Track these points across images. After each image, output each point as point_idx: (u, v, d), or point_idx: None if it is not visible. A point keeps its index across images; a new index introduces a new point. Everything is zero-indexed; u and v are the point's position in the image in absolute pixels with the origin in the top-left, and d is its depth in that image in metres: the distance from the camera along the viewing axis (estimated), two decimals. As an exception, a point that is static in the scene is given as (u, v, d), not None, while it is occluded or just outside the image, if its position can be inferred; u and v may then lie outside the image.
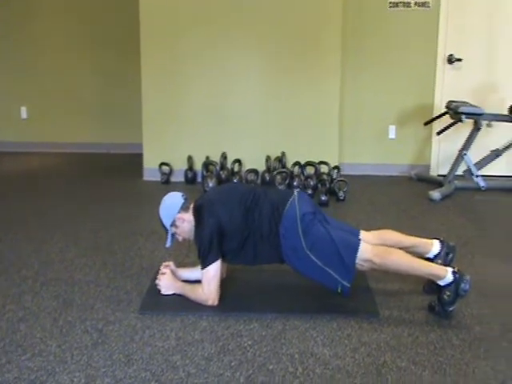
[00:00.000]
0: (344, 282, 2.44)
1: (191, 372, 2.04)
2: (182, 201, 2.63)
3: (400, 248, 2.61)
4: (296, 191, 2.66)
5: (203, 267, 2.52)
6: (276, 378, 2.01)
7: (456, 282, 2.37)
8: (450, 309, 2.41)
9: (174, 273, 2.71)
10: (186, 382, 1.98)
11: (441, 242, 2.74)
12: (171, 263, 2.74)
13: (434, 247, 2.71)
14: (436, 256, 2.69)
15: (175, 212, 2.60)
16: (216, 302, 2.53)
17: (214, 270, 2.51)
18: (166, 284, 2.64)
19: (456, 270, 2.41)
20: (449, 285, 2.39)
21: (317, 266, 2.45)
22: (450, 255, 2.71)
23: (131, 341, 2.26)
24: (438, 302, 2.43)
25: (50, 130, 6.42)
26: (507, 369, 2.06)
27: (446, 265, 2.65)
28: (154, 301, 2.61)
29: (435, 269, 2.45)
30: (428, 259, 2.69)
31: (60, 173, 5.50)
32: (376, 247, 2.50)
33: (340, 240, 2.47)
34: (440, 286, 2.41)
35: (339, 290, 2.46)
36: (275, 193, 2.76)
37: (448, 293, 2.39)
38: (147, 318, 2.44)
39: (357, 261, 2.44)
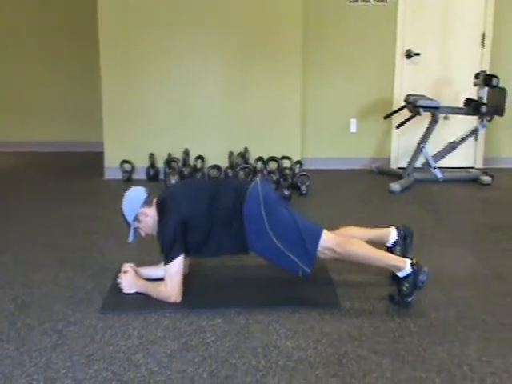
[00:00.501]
0: (305, 267, 2.47)
1: (154, 370, 2.03)
2: (145, 195, 2.62)
3: (363, 239, 2.67)
4: (258, 178, 2.69)
5: (166, 263, 2.51)
6: (239, 371, 2.02)
7: (414, 273, 2.43)
8: (409, 299, 2.47)
9: (136, 272, 2.69)
10: (149, 380, 1.97)
11: (397, 228, 2.81)
12: (132, 264, 2.71)
13: (392, 235, 2.78)
14: (394, 244, 2.76)
15: (138, 206, 2.58)
16: (179, 299, 2.52)
17: (177, 265, 2.50)
18: (128, 283, 2.62)
19: (414, 262, 2.47)
20: (407, 276, 2.44)
21: (279, 250, 2.47)
22: (408, 239, 2.80)
23: (92, 341, 2.23)
24: (398, 292, 2.48)
25: (0, 128, 6.24)
26: (462, 353, 2.13)
27: (406, 250, 2.73)
28: (116, 300, 2.58)
29: (395, 260, 2.50)
30: (388, 248, 2.75)
31: (16, 173, 5.36)
32: (338, 237, 2.55)
33: (303, 226, 2.50)
34: (399, 277, 2.47)
35: (300, 274, 2.49)
36: (237, 180, 2.80)
37: (406, 284, 2.44)
38: (109, 318, 2.41)
39: (319, 248, 2.47)
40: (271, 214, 2.50)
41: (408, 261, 2.46)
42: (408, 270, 2.44)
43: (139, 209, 2.58)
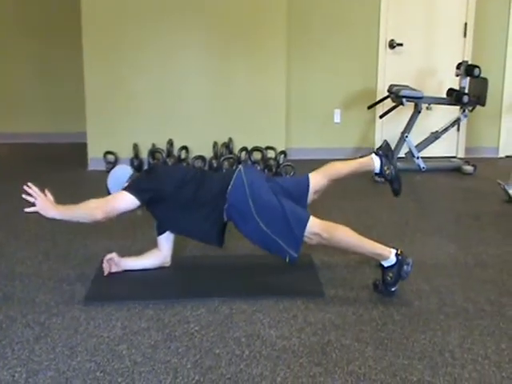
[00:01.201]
0: (292, 252, 2.48)
1: (137, 360, 2.03)
2: (131, 171, 2.71)
3: (347, 174, 2.78)
4: (240, 165, 2.69)
5: (120, 191, 2.53)
6: (223, 361, 2.02)
7: (399, 264, 2.45)
8: (393, 289, 2.49)
9: (117, 263, 2.67)
10: (133, 371, 1.96)
11: (375, 153, 2.86)
12: (114, 254, 2.69)
13: (375, 161, 2.83)
14: (381, 168, 2.82)
15: (123, 181, 2.64)
16: (104, 217, 2.47)
17: (126, 200, 2.50)
18: (42, 205, 2.47)
19: (399, 252, 2.49)
20: (392, 266, 2.46)
21: (266, 234, 2.48)
22: (389, 153, 2.87)
23: (75, 333, 2.21)
24: (382, 282, 2.51)
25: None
26: (444, 340, 2.16)
27: (392, 163, 2.81)
28: (99, 291, 2.57)
29: (380, 249, 2.52)
30: (377, 174, 2.83)
31: (-1, 164, 5.29)
32: (325, 222, 2.54)
33: (290, 211, 2.50)
34: (383, 266, 2.49)
35: (287, 259, 2.50)
36: (223, 172, 2.82)
37: (391, 274, 2.46)
38: (92, 309, 2.40)
39: (305, 234, 2.48)
40: (257, 200, 2.50)
41: (393, 250, 2.48)
42: (393, 259, 2.46)
43: (125, 183, 2.62)
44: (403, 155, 4.98)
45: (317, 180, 2.78)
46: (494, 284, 2.65)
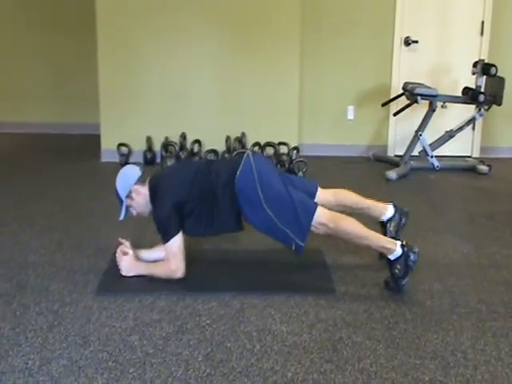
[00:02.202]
0: (298, 241, 2.48)
1: (149, 352, 2.04)
2: (139, 173, 2.65)
3: (355, 209, 2.72)
4: (249, 150, 2.68)
5: (165, 242, 2.52)
6: (234, 355, 2.03)
7: (405, 254, 2.43)
8: (403, 282, 2.48)
9: (130, 251, 2.68)
10: (144, 362, 1.97)
11: (395, 206, 2.82)
12: (127, 242, 2.69)
13: (388, 211, 2.78)
14: (390, 219, 2.76)
15: (132, 183, 2.60)
16: (184, 273, 2.53)
17: (178, 242, 2.51)
18: (128, 265, 2.61)
19: (404, 243, 2.47)
20: (398, 258, 2.44)
21: (274, 223, 2.48)
22: (403, 220, 2.80)
23: (88, 322, 2.23)
24: (391, 276, 2.50)
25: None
26: (456, 341, 2.14)
27: (398, 229, 2.74)
28: (112, 282, 2.59)
29: (386, 242, 2.50)
30: (382, 223, 2.76)
31: (13, 154, 5.33)
32: (332, 212, 2.54)
33: (299, 201, 2.50)
34: (390, 261, 2.47)
35: (293, 248, 2.50)
36: (229, 159, 2.76)
37: (398, 266, 2.44)
38: (104, 299, 2.41)
39: (313, 223, 2.48)
40: (266, 188, 2.49)
41: (398, 242, 2.47)
42: (399, 251, 2.44)
43: (132, 185, 2.59)
44: (417, 153, 4.95)
45: (325, 195, 2.74)
46: (508, 286, 2.63)
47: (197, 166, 2.75)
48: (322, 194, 2.73)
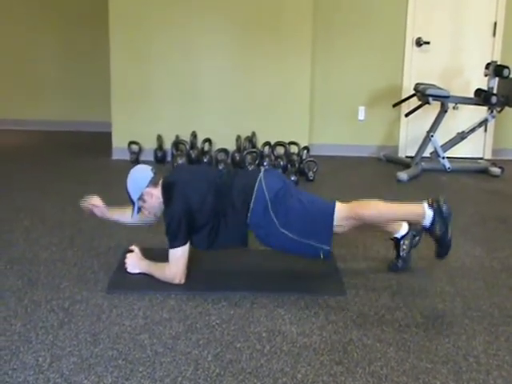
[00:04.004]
0: (325, 246, 2.46)
1: (159, 351, 2.04)
2: (152, 175, 2.57)
3: (371, 224, 2.65)
4: (262, 170, 2.62)
5: (171, 247, 2.50)
6: (243, 355, 2.02)
7: (438, 211, 2.40)
8: (448, 237, 2.44)
9: (103, 211, 2.73)
10: (154, 361, 1.97)
11: (429, 204, 2.76)
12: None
13: (403, 228, 2.73)
14: (403, 237, 2.71)
15: (143, 186, 2.54)
16: (183, 280, 2.53)
17: (182, 250, 2.49)
18: (133, 262, 2.63)
19: (430, 201, 2.44)
20: (433, 220, 2.42)
21: (294, 240, 2.45)
22: (417, 238, 2.74)
23: (98, 320, 2.24)
24: (436, 243, 2.47)
25: (10, 106, 6.23)
26: (468, 345, 2.12)
27: (411, 248, 2.70)
28: (122, 280, 2.59)
29: (414, 209, 2.48)
30: (395, 239, 2.73)
31: (25, 151, 5.36)
32: (351, 203, 2.51)
33: (315, 209, 2.48)
34: (427, 228, 2.44)
35: (322, 256, 2.48)
36: (243, 177, 2.64)
37: (437, 226, 2.42)
38: (115, 297, 2.42)
39: (335, 222, 2.45)
40: (280, 211, 2.45)
41: (425, 205, 2.44)
42: (430, 213, 2.42)
43: (144, 188, 2.54)
44: (428, 155, 4.92)
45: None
46: (521, 290, 2.61)
47: (213, 176, 2.62)
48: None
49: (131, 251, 2.66)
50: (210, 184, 2.55)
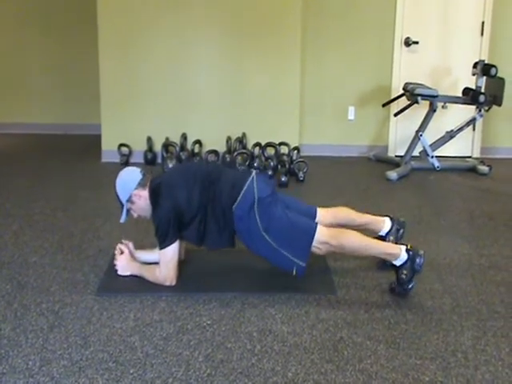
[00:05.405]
0: (300, 261, 2.46)
1: (150, 352, 2.04)
2: (140, 176, 2.58)
3: (353, 226, 2.69)
4: (254, 172, 2.64)
5: (161, 248, 2.51)
6: (234, 355, 2.03)
7: (411, 259, 2.43)
8: (409, 286, 2.46)
9: (131, 254, 2.69)
10: (145, 363, 1.98)
11: (391, 218, 2.82)
12: (130, 243, 2.71)
13: (386, 224, 2.78)
14: (388, 233, 2.77)
15: (132, 187, 2.55)
16: (174, 282, 2.53)
17: (172, 250, 2.50)
18: (123, 264, 2.63)
19: (409, 247, 2.47)
20: (405, 263, 2.44)
21: (272, 248, 2.46)
22: (401, 231, 2.80)
23: (88, 323, 2.23)
24: (397, 281, 2.48)
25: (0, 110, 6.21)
26: (456, 341, 2.14)
27: (397, 241, 2.73)
28: (112, 282, 2.59)
29: (390, 248, 2.51)
30: (380, 237, 2.76)
31: (14, 154, 5.33)
32: (332, 229, 2.53)
33: (297, 224, 2.49)
34: (396, 266, 2.47)
35: (294, 272, 2.47)
36: (233, 172, 2.71)
37: (405, 271, 2.44)
38: (105, 300, 2.42)
39: (314, 244, 2.46)
40: (265, 214, 2.46)
41: (403, 247, 2.47)
42: (404, 256, 2.44)
43: (133, 190, 2.55)
44: (417, 154, 4.95)
45: (325, 217, 2.69)
46: (508, 287, 2.62)
47: (201, 172, 2.63)
48: (322, 216, 2.70)
49: (121, 252, 2.66)
50: (197, 175, 2.58)
